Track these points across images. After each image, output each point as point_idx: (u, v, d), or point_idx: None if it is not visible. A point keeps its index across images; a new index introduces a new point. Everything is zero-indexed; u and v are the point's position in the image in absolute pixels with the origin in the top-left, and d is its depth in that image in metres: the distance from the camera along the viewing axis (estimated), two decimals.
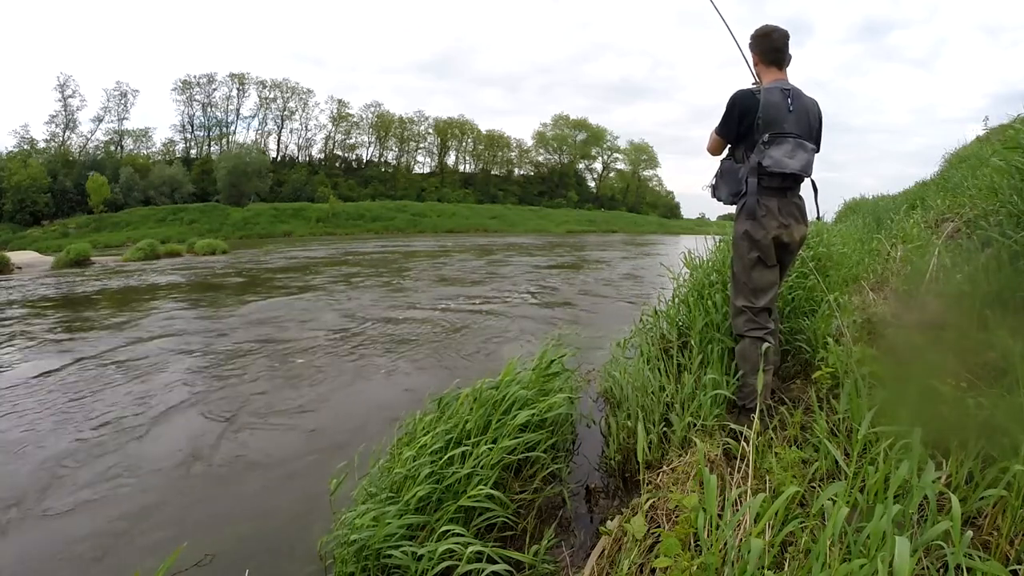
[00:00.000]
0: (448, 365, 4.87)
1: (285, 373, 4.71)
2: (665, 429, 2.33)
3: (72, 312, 8.03)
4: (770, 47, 2.26)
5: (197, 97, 51.73)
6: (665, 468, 2.03)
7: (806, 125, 2.21)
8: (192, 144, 52.25)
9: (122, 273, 13.69)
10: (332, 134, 57.67)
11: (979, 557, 1.13)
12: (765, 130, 2.15)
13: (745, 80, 2.38)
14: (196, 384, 4.43)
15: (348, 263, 16.00)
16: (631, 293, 9.51)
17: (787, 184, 2.22)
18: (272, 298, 9.04)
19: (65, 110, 44.47)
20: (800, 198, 2.31)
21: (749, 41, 2.32)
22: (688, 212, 75.66)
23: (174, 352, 5.43)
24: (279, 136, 55.72)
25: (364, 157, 59.44)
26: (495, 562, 1.73)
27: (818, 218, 2.52)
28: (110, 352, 5.44)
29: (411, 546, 1.80)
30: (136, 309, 8.20)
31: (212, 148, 51.82)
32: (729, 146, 2.36)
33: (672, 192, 79.47)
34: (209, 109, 52.25)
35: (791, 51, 2.28)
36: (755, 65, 2.31)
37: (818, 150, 2.32)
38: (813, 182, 2.33)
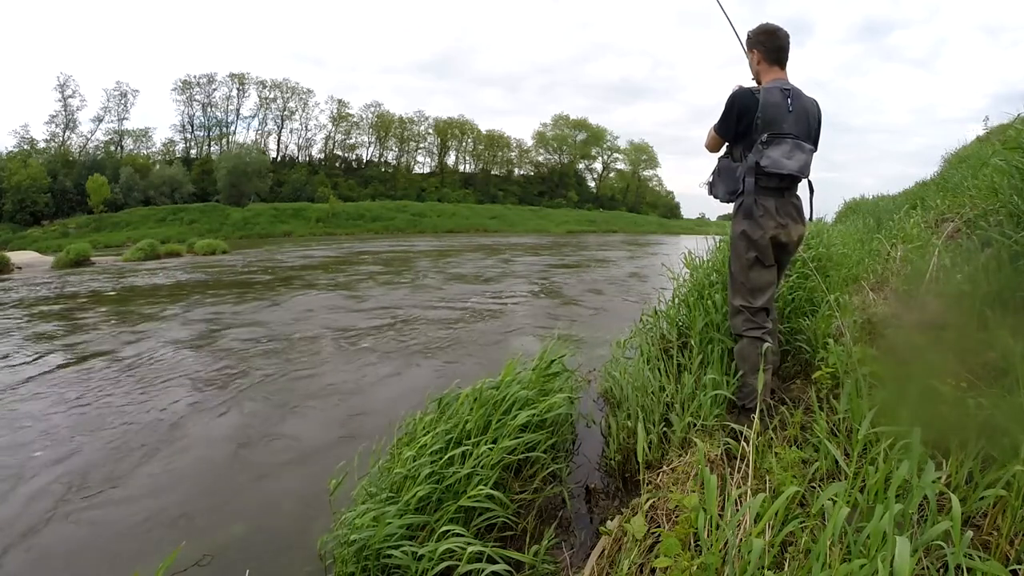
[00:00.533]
0: (489, 357, 4.98)
1: (343, 361, 4.72)
2: (665, 429, 2.33)
3: (94, 310, 8.04)
4: (774, 46, 2.25)
5: (197, 97, 51.78)
6: (665, 468, 2.03)
7: (805, 126, 2.20)
8: (192, 144, 52.30)
9: (136, 272, 13.69)
10: (332, 134, 57.74)
11: (979, 557, 1.13)
12: (764, 130, 2.15)
13: (745, 80, 2.37)
14: (213, 382, 4.44)
15: (365, 261, 16.25)
16: (638, 291, 9.55)
17: (784, 184, 2.22)
18: (313, 293, 9.48)
19: (65, 110, 44.52)
20: (798, 198, 2.31)
21: (750, 38, 2.30)
22: (688, 212, 75.76)
23: (235, 343, 5.43)
24: (279, 136, 55.80)
25: (364, 157, 59.52)
26: (495, 562, 1.73)
27: (811, 219, 2.52)
28: (138, 347, 5.45)
29: (411, 546, 1.80)
30: (149, 308, 8.20)
31: (212, 148, 51.84)
32: (727, 144, 2.36)
33: (672, 192, 79.58)
34: (209, 109, 52.32)
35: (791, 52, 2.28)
36: (756, 64, 2.29)
37: (816, 150, 2.32)
38: (810, 183, 2.32)
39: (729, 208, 2.46)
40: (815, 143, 2.27)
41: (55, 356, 5.36)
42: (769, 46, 2.25)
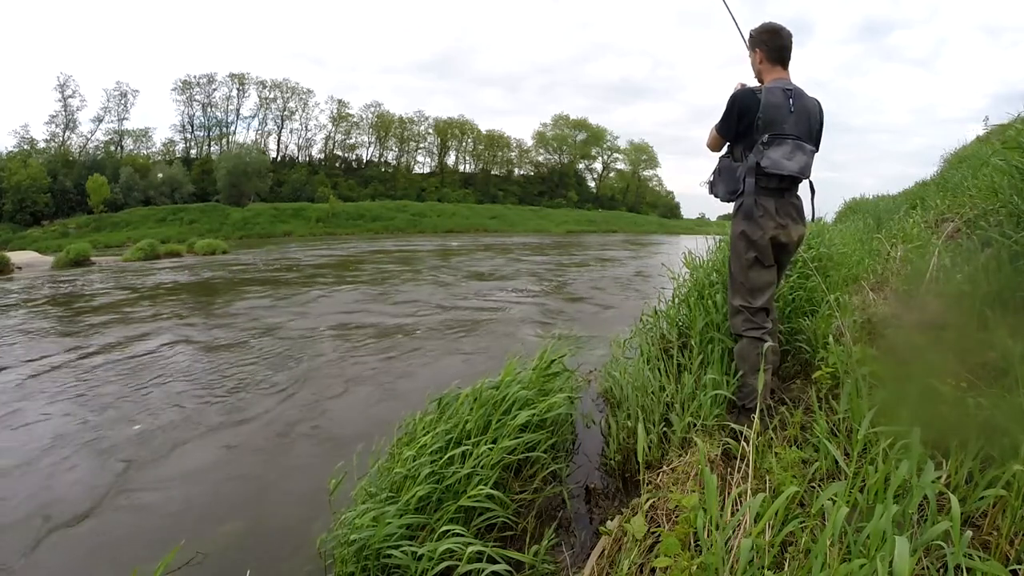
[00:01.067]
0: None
1: (388, 353, 4.72)
2: (665, 429, 2.33)
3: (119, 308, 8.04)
4: (777, 45, 2.24)
5: (197, 97, 51.76)
6: (665, 468, 2.03)
7: (806, 126, 2.19)
8: (192, 144, 52.30)
9: (141, 272, 13.69)
10: (332, 134, 57.73)
11: (979, 557, 1.13)
12: (765, 130, 2.14)
13: (746, 79, 2.37)
14: (224, 380, 4.44)
15: (380, 260, 16.53)
16: (640, 289, 9.61)
17: (785, 185, 2.22)
18: (350, 290, 9.83)
19: (65, 110, 44.50)
20: (798, 198, 2.31)
21: (752, 38, 2.28)
22: (688, 212, 75.75)
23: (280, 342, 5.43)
24: (279, 136, 55.79)
25: (364, 157, 59.52)
26: (495, 562, 1.73)
27: (813, 220, 2.51)
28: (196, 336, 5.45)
29: (411, 546, 1.80)
30: (154, 308, 8.20)
31: (212, 148, 51.83)
32: (728, 144, 2.36)
33: (672, 192, 79.52)
34: (209, 109, 52.30)
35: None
36: (759, 63, 2.27)
37: (817, 150, 2.31)
38: (811, 184, 2.32)
39: (729, 208, 2.46)
40: (817, 144, 2.27)
41: (54, 356, 5.36)
42: (772, 45, 2.24)
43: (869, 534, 1.10)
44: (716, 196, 2.40)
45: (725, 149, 2.39)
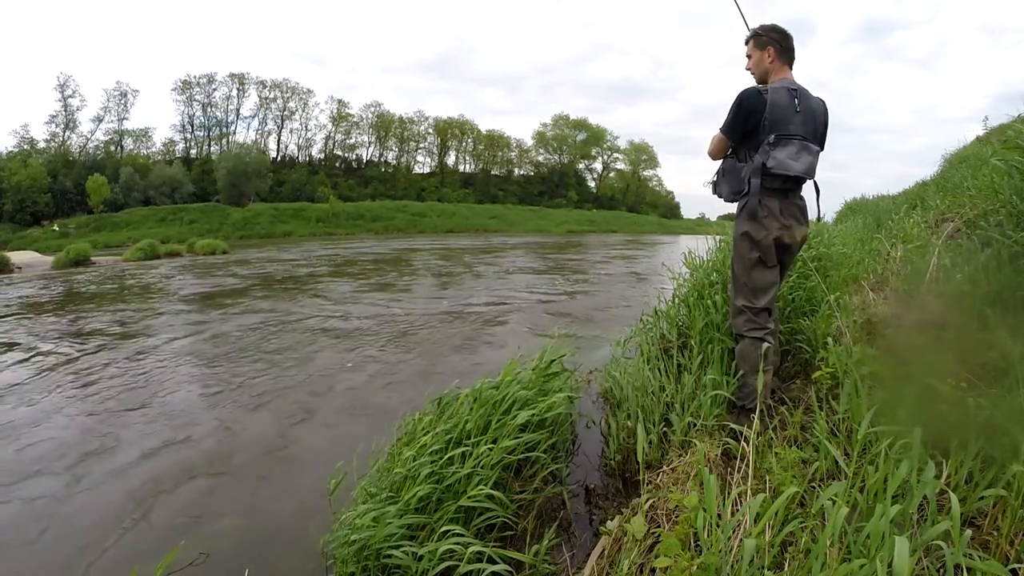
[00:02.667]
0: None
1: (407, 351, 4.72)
2: (665, 429, 2.33)
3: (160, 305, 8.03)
4: (788, 45, 2.23)
5: (197, 97, 51.80)
6: (665, 468, 2.03)
7: (812, 126, 2.18)
8: (192, 144, 52.34)
9: (145, 272, 13.68)
10: (332, 134, 57.77)
11: (979, 557, 1.13)
12: (771, 131, 2.13)
13: (745, 79, 2.36)
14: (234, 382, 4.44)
15: (398, 259, 16.91)
16: (646, 289, 9.61)
17: (789, 185, 2.21)
18: (390, 289, 9.99)
19: (65, 110, 44.54)
20: (802, 199, 2.30)
21: (762, 36, 2.25)
22: (688, 212, 75.75)
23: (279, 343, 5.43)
24: (279, 136, 55.83)
25: (364, 157, 59.55)
26: (495, 562, 1.73)
27: (819, 219, 2.51)
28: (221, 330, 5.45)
29: (411, 546, 1.80)
30: (159, 307, 8.20)
31: (212, 148, 51.87)
32: (732, 146, 2.35)
33: (672, 192, 79.51)
34: (209, 109, 52.35)
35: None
36: (769, 62, 2.24)
37: (822, 149, 2.31)
38: (816, 184, 2.32)
39: (730, 208, 2.45)
40: (822, 144, 2.26)
41: (53, 356, 5.36)
42: (784, 45, 2.23)
43: (869, 534, 1.10)
44: (720, 196, 2.39)
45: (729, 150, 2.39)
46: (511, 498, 2.11)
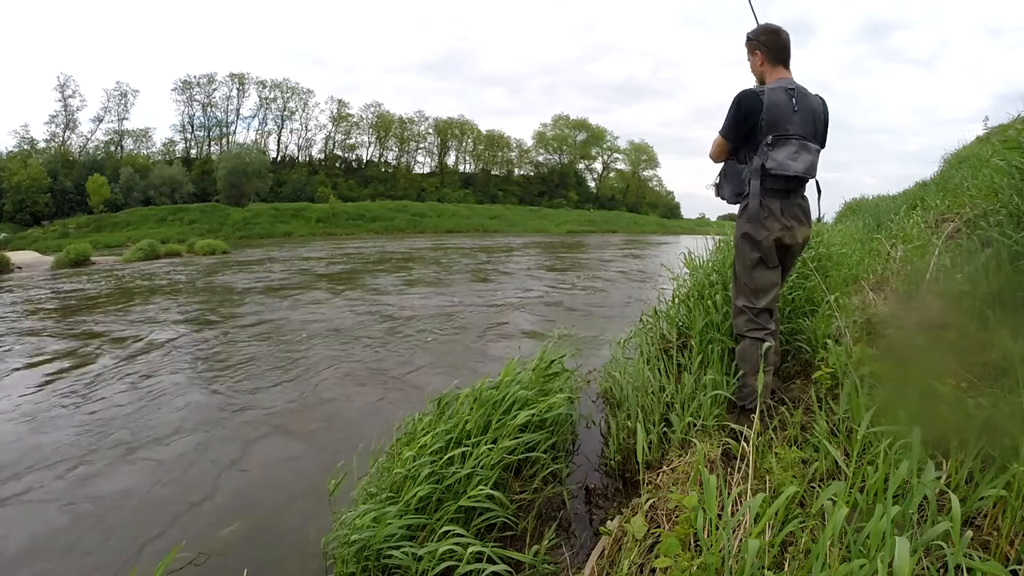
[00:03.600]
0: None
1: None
2: (665, 429, 2.33)
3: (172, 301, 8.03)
4: (778, 45, 2.22)
5: (197, 97, 51.80)
6: (665, 468, 2.03)
7: (811, 126, 2.17)
8: (192, 144, 52.33)
9: (144, 272, 13.68)
10: (332, 134, 57.78)
11: (979, 557, 1.13)
12: (768, 131, 2.12)
13: (748, 80, 2.36)
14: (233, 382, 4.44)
15: (414, 258, 17.10)
16: (646, 288, 9.63)
17: (790, 186, 2.20)
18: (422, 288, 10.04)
19: (65, 110, 44.55)
20: (804, 199, 2.29)
21: (751, 40, 2.26)
22: (688, 212, 75.77)
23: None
24: (279, 136, 55.85)
25: (364, 157, 59.56)
26: (495, 562, 1.73)
27: (819, 219, 2.50)
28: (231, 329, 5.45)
29: (411, 546, 1.80)
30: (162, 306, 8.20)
31: (212, 148, 51.89)
32: (732, 148, 2.34)
33: (672, 192, 79.56)
34: (209, 109, 52.34)
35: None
36: (760, 65, 2.25)
37: (823, 147, 2.30)
38: (817, 184, 2.31)
39: (731, 208, 2.45)
40: (822, 142, 2.26)
41: (52, 355, 5.36)
42: (772, 46, 2.22)
43: (869, 534, 1.10)
44: (723, 198, 2.39)
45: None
46: (511, 498, 2.11)
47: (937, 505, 1.27)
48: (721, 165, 2.38)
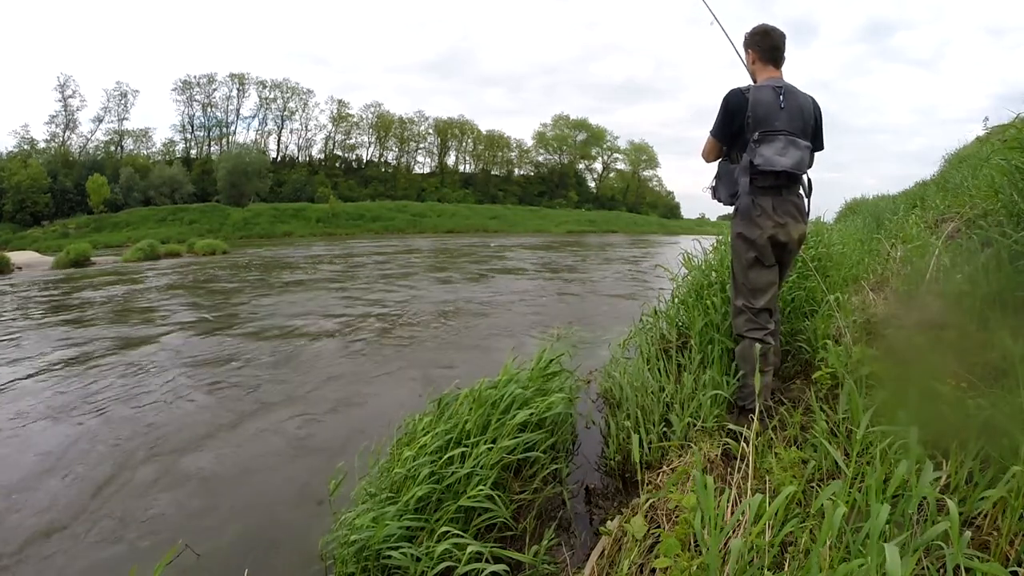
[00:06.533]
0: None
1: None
2: (665, 429, 2.33)
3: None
4: (769, 45, 2.26)
5: (197, 97, 51.84)
6: (665, 468, 2.03)
7: (799, 122, 2.19)
8: (192, 144, 52.39)
9: (144, 272, 13.68)
10: (332, 134, 57.81)
11: (978, 558, 1.12)
12: (755, 128, 2.15)
13: (747, 80, 2.38)
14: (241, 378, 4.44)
15: (414, 258, 17.12)
16: (646, 289, 9.63)
17: (781, 182, 2.21)
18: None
19: (65, 110, 44.61)
20: (799, 196, 2.30)
21: (745, 39, 2.32)
22: (688, 212, 75.65)
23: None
24: (279, 136, 55.88)
25: (364, 157, 59.59)
26: (495, 562, 1.73)
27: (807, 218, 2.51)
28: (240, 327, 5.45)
29: (411, 547, 1.80)
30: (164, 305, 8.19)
31: (212, 148, 51.95)
32: (725, 148, 2.36)
33: (672, 192, 79.30)
34: (209, 109, 52.39)
35: (790, 52, 2.29)
36: (752, 63, 2.31)
37: (820, 147, 2.31)
38: (808, 181, 2.32)
39: (730, 209, 2.46)
40: (814, 140, 2.27)
41: (53, 356, 5.36)
42: (764, 46, 2.27)
43: (867, 534, 1.10)
44: (719, 200, 2.40)
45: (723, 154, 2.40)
46: (511, 498, 2.11)
47: (937, 505, 1.27)
48: (716, 168, 2.41)
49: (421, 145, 61.63)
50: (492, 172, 64.05)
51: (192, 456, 3.15)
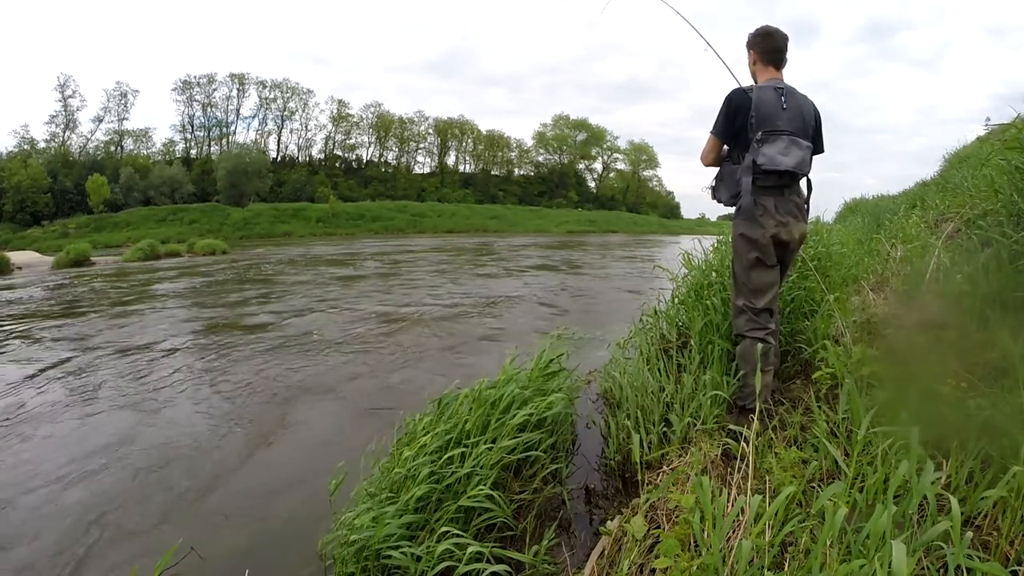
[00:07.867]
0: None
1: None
2: (665, 429, 2.32)
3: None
4: (771, 47, 2.27)
5: (197, 97, 51.83)
6: (665, 468, 2.03)
7: (800, 123, 2.21)
8: (192, 144, 52.39)
9: (144, 272, 13.68)
10: (332, 134, 57.79)
11: (979, 558, 1.12)
12: (758, 128, 2.15)
13: (749, 80, 2.38)
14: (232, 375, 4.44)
15: (413, 257, 17.27)
16: (646, 289, 9.62)
17: (783, 182, 2.22)
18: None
19: (65, 110, 44.61)
20: (800, 195, 2.30)
21: (748, 40, 2.33)
22: (688, 212, 75.63)
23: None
24: (279, 136, 55.87)
25: (364, 157, 59.58)
26: (495, 562, 1.73)
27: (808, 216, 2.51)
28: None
29: (411, 547, 1.79)
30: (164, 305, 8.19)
31: (212, 148, 51.95)
32: (726, 148, 2.36)
33: (672, 192, 79.27)
34: (209, 109, 52.38)
35: (792, 52, 2.30)
36: (753, 64, 2.32)
37: (820, 149, 2.32)
38: (808, 181, 2.32)
39: (730, 209, 2.46)
40: (814, 141, 2.28)
41: (53, 356, 5.36)
42: (765, 47, 2.28)
43: (868, 534, 1.10)
44: (719, 201, 2.41)
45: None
46: (511, 498, 2.11)
47: (937, 505, 1.27)
48: (717, 168, 2.41)
49: (421, 145, 61.72)
50: (492, 172, 64.04)
51: (192, 455, 3.14)
